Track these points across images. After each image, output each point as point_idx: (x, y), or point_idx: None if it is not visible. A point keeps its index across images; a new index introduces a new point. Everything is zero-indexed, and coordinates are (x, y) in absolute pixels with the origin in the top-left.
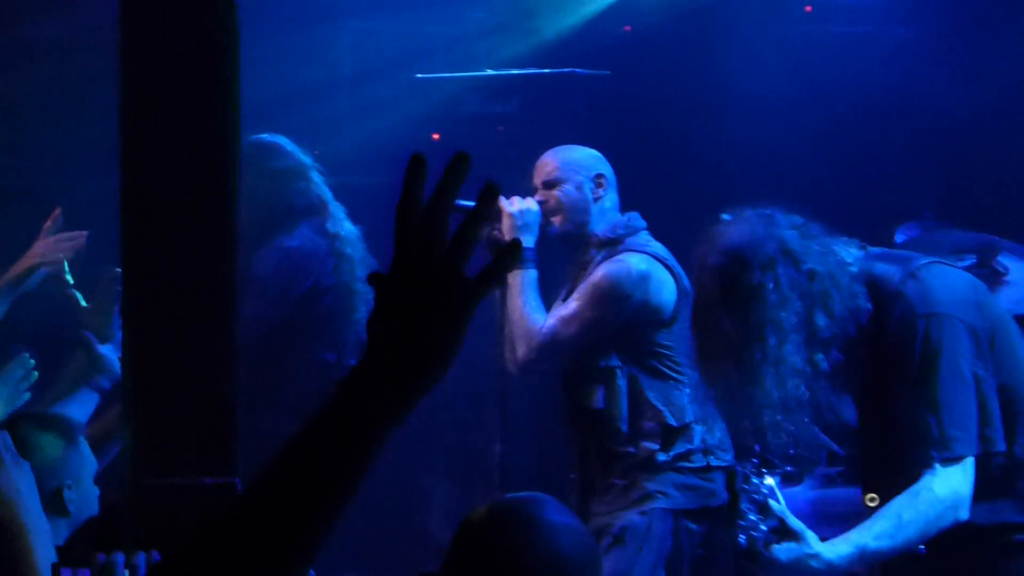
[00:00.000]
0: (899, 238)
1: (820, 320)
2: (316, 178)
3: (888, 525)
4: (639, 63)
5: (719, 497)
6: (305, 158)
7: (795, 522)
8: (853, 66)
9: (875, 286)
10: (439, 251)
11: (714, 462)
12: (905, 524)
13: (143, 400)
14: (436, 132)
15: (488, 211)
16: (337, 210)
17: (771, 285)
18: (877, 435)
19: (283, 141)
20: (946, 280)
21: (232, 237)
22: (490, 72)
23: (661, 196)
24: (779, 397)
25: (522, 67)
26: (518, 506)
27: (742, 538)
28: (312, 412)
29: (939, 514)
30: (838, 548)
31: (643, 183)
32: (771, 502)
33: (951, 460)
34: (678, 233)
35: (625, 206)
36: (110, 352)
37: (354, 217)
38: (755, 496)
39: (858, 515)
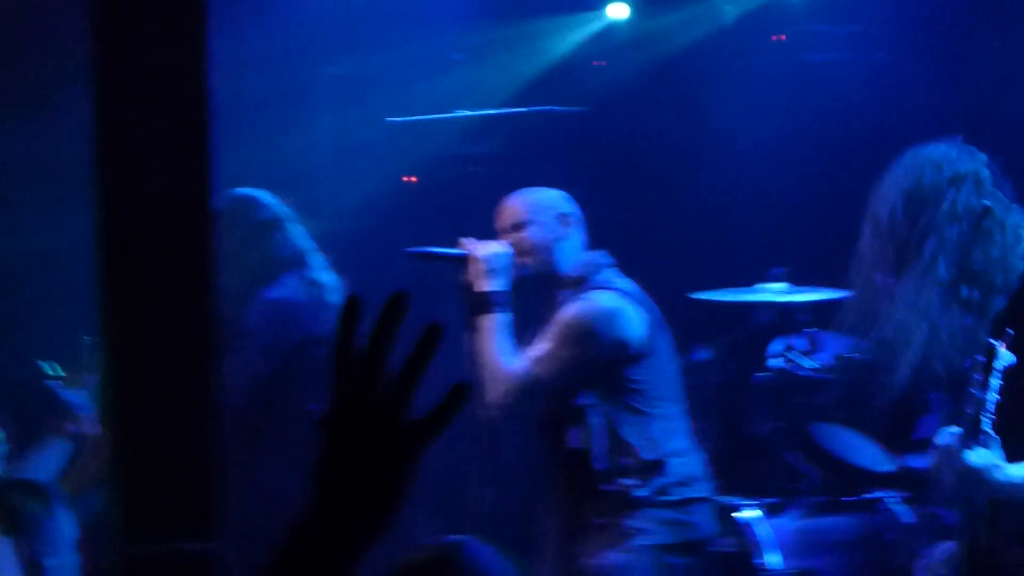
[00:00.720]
0: None
1: (977, 254)
2: (295, 229)
3: None
4: (614, 98)
5: (699, 530)
6: (283, 209)
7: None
8: (827, 93)
9: None
10: (380, 394)
11: (692, 495)
12: None
13: (124, 465)
14: (413, 175)
15: (431, 353)
16: (317, 260)
17: (951, 197)
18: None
19: (260, 194)
20: None
21: (211, 296)
22: (465, 113)
23: (638, 230)
24: (918, 300)
25: (499, 107)
26: (451, 551)
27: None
28: (266, 562)
29: None
30: (1008, 471)
31: (621, 217)
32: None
33: None
34: (653, 267)
35: (602, 240)
36: (76, 397)
37: (336, 262)
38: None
39: (843, 544)
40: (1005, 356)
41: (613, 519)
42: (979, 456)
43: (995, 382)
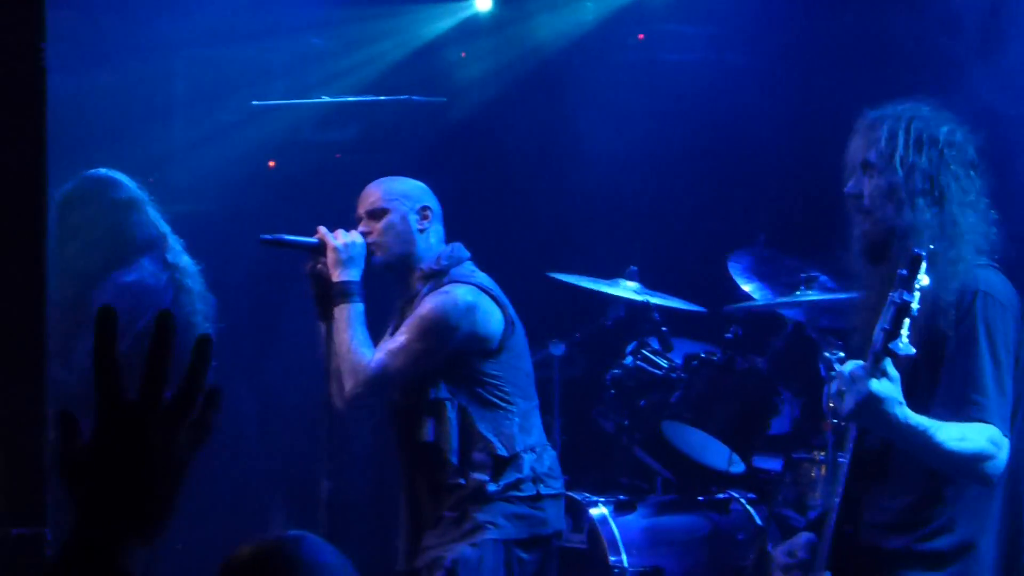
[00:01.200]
0: (732, 266)
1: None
2: (152, 211)
3: (954, 430)
4: (478, 88)
5: (550, 526)
6: (141, 191)
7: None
8: (685, 93)
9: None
10: (146, 405)
11: (544, 491)
12: (967, 441)
13: None
14: (272, 159)
15: (206, 365)
16: (176, 243)
17: (956, 154)
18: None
19: (119, 175)
20: (1005, 283)
21: (41, 285)
22: (327, 99)
23: (496, 222)
24: (925, 230)
25: (361, 94)
26: (280, 546)
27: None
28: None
29: (990, 456)
30: (907, 410)
31: (479, 208)
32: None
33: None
34: (512, 259)
35: (461, 232)
36: None
37: (191, 246)
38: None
39: (692, 542)
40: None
41: (464, 512)
42: (883, 386)
43: (904, 331)
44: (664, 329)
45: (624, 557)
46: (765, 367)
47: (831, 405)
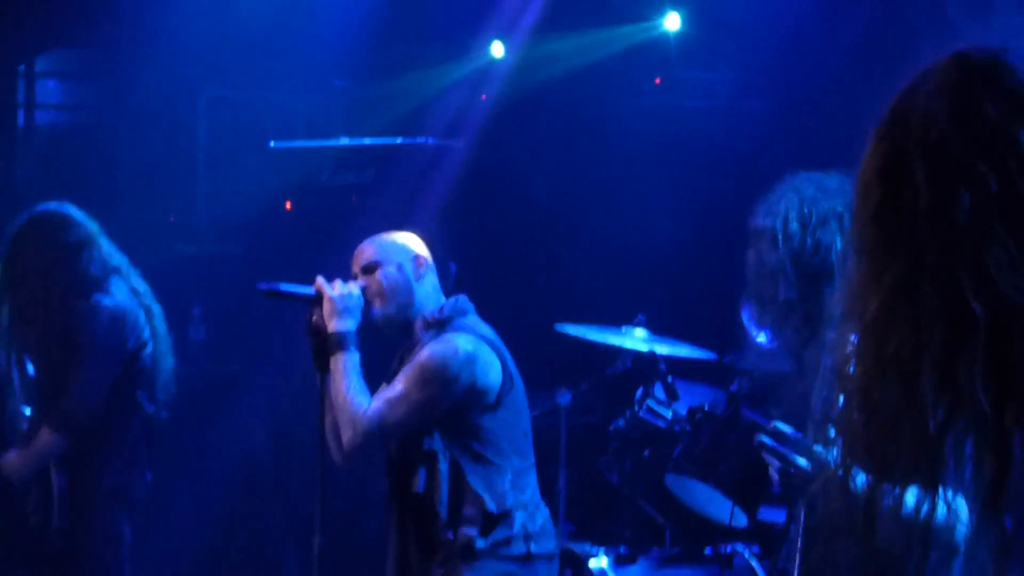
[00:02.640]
0: (744, 313)
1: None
2: (106, 243)
3: None
4: (495, 132)
5: None
6: (92, 224)
7: None
8: (701, 139)
9: None
10: None
11: (535, 549)
12: None
13: None
14: (289, 201)
15: None
16: (131, 270)
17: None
18: None
19: (71, 210)
20: None
21: None
22: (345, 141)
23: (507, 265)
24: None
25: (377, 135)
26: None
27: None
28: None
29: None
30: None
31: (491, 252)
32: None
33: None
34: (522, 306)
35: (479, 274)
36: None
37: (207, 284)
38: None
39: None
40: None
41: (453, 569)
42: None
43: None
44: (670, 379)
45: None
46: (772, 419)
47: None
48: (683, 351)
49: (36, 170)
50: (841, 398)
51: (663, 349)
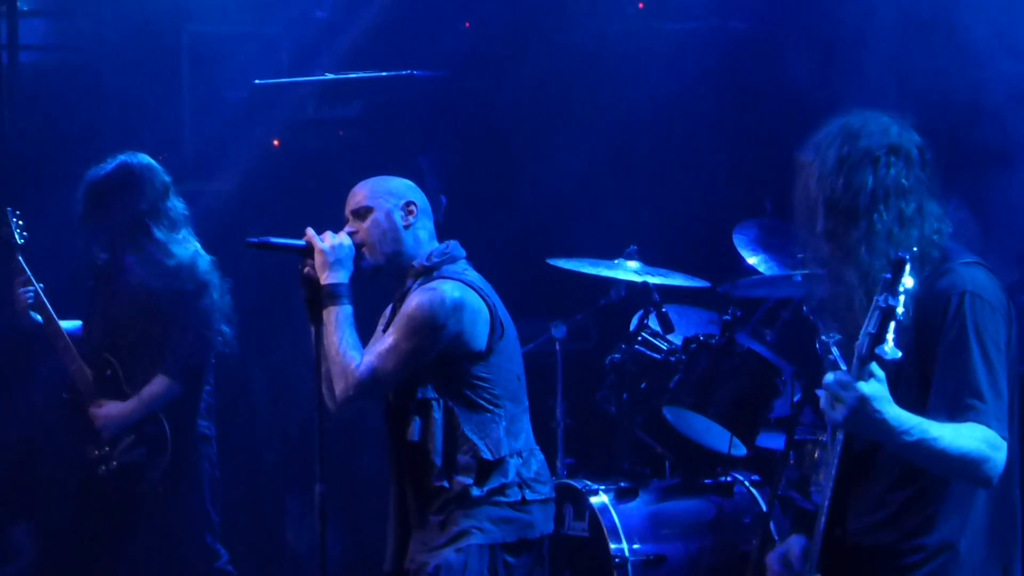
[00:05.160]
0: (737, 238)
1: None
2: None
3: (947, 428)
4: (480, 62)
5: (537, 529)
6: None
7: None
8: (686, 62)
9: (943, 254)
10: None
11: (530, 496)
12: (962, 436)
13: None
14: (276, 138)
15: None
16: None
17: (898, 164)
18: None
19: (153, 162)
20: (991, 280)
21: None
22: (329, 76)
23: (497, 199)
24: (871, 267)
25: (361, 69)
26: None
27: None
28: None
29: (985, 455)
30: (896, 408)
31: (480, 186)
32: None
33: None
34: (514, 241)
35: (463, 210)
36: None
37: (198, 223)
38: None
39: (695, 527)
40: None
41: (449, 516)
42: (873, 388)
43: (890, 335)
44: (665, 310)
45: (625, 545)
46: (767, 347)
47: (823, 412)
48: (676, 280)
49: (21, 110)
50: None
51: (656, 280)
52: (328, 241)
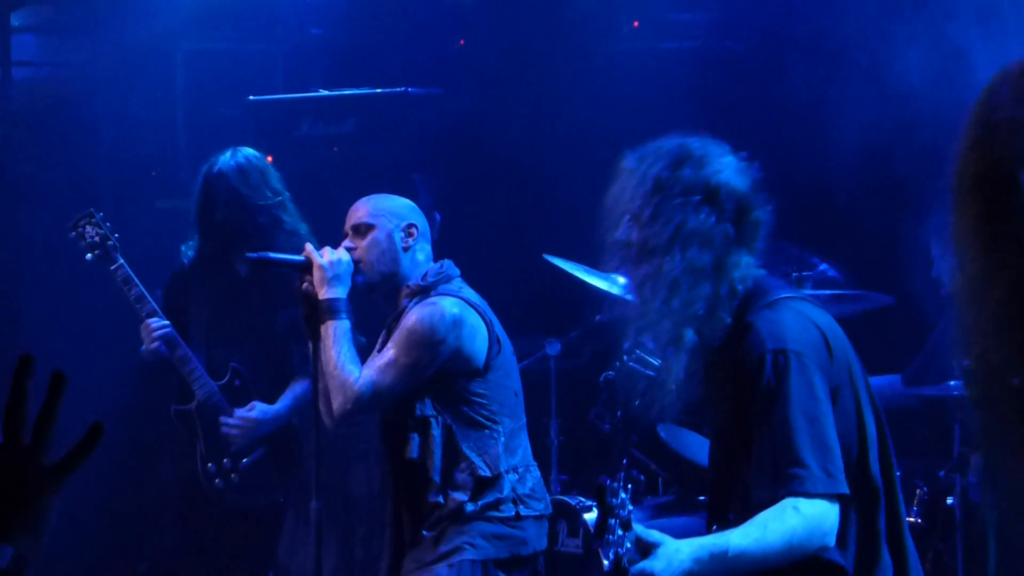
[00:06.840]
0: None
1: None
2: None
3: (753, 529)
4: (475, 79)
5: (530, 545)
6: None
7: (651, 535)
8: (682, 81)
9: (744, 305)
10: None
11: (524, 512)
12: (770, 531)
13: None
14: (270, 154)
15: (58, 402)
16: None
17: (710, 212)
18: (726, 460)
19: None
20: (796, 319)
21: None
22: (324, 92)
23: (493, 216)
24: (648, 308)
25: (358, 86)
26: None
27: (609, 554)
28: None
29: (807, 532)
30: (694, 548)
31: (476, 202)
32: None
33: (808, 495)
34: (510, 254)
35: (458, 227)
36: None
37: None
38: (621, 512)
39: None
40: None
41: (443, 532)
42: (658, 561)
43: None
44: None
45: None
46: None
47: None
48: None
49: (14, 126)
50: None
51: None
52: (327, 257)
